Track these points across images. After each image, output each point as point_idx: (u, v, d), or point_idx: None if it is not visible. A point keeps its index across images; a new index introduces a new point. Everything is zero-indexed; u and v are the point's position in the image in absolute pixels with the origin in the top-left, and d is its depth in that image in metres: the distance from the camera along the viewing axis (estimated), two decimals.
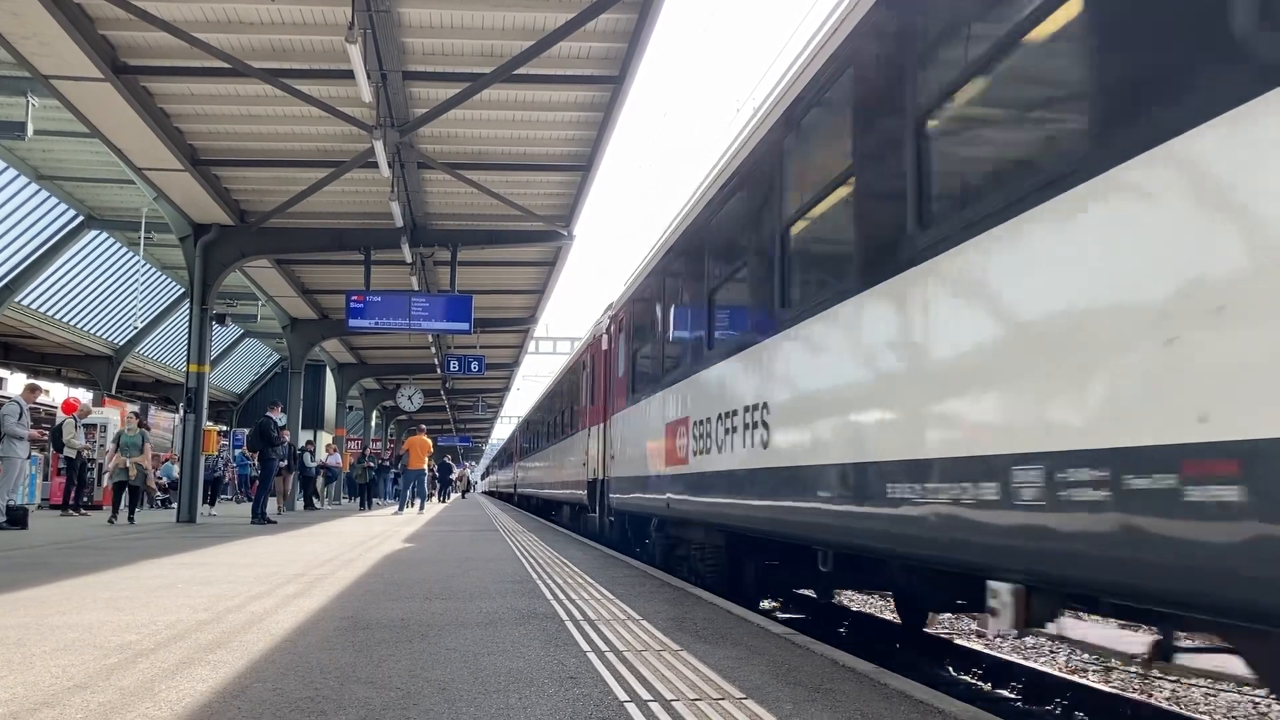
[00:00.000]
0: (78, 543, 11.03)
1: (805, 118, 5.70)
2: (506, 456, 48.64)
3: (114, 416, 23.62)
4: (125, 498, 16.39)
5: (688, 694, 3.42)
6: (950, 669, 7.01)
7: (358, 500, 27.56)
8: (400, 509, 22.86)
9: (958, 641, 7.78)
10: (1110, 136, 2.95)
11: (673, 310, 8.95)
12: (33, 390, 14.15)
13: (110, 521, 15.17)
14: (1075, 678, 6.46)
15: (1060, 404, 3.09)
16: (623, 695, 3.37)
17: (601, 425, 13.26)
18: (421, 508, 23.32)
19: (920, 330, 4.00)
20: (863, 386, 4.60)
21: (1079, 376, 3.00)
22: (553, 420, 21.63)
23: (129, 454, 16.13)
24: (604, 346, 13.41)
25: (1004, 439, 3.36)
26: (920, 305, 4.01)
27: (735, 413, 6.55)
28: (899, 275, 4.19)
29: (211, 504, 18.94)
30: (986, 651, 7.25)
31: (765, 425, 5.89)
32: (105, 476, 17.32)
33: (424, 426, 25.91)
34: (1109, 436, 2.82)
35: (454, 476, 49.51)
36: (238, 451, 29.97)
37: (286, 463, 20.09)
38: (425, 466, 23.65)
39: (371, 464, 26.43)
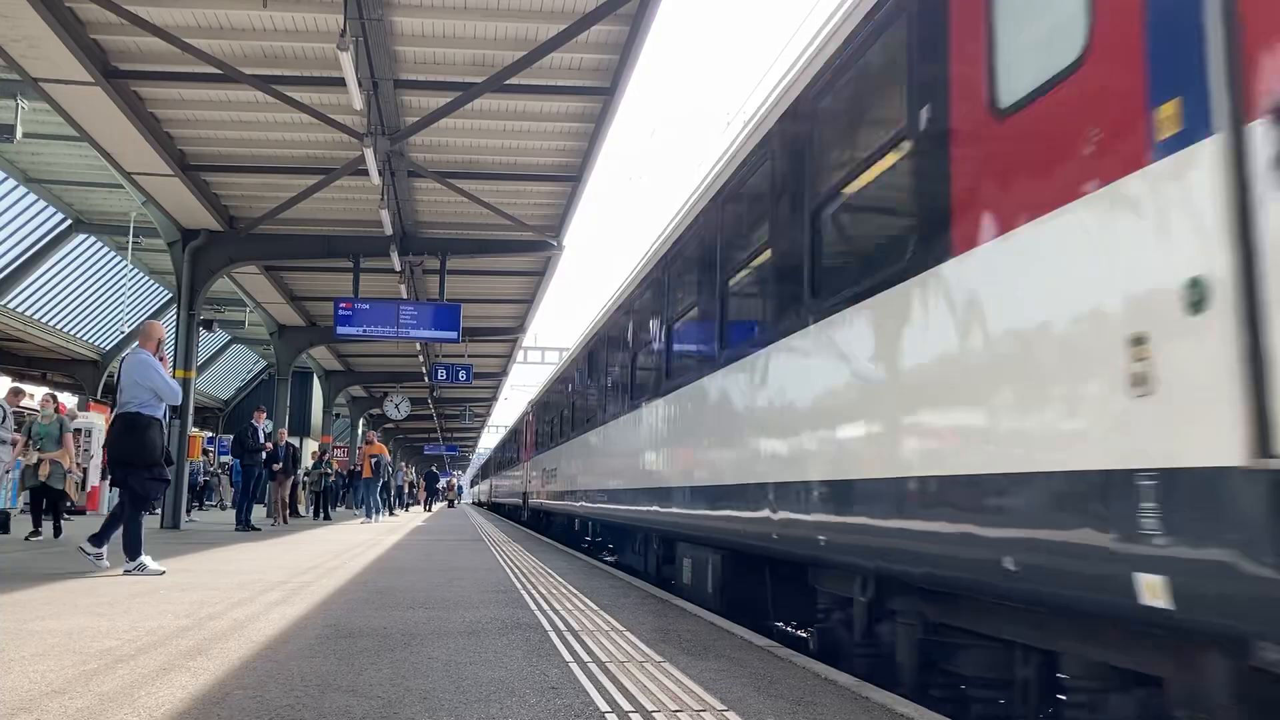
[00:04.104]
0: (60, 547, 10.94)
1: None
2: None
3: (99, 421, 23.45)
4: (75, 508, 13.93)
5: (669, 705, 3.42)
6: None
7: (312, 511, 24.09)
8: (375, 518, 22.45)
9: None
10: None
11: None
12: (16, 394, 14.01)
13: (28, 538, 11.93)
14: None
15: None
16: (604, 706, 3.37)
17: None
18: (383, 515, 22.77)
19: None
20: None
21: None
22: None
23: (42, 447, 12.41)
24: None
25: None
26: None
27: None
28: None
29: (188, 511, 17.80)
30: None
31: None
32: (19, 477, 12.92)
33: (374, 433, 25.63)
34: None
35: (440, 485, 49.33)
36: (233, 459, 29.64)
37: (281, 465, 18.40)
38: (376, 474, 22.67)
39: (328, 469, 24.59)
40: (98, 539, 8.27)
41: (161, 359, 8.41)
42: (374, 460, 22.49)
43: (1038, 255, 2.94)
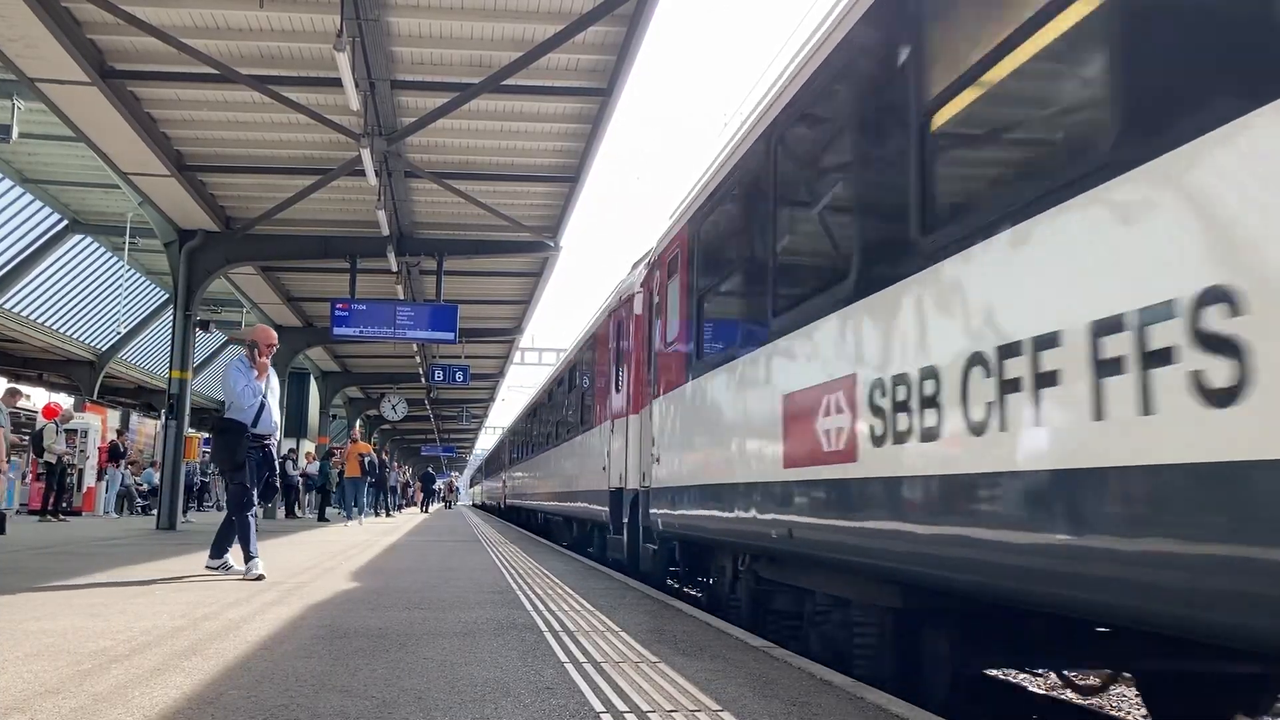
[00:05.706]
0: (56, 548, 10.93)
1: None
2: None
3: (95, 422, 23.46)
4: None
5: (664, 705, 3.41)
6: None
7: (317, 512, 23.92)
8: (360, 519, 21.96)
9: None
10: None
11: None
12: (13, 394, 13.96)
13: None
14: (1054, 692, 6.48)
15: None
16: (599, 707, 3.37)
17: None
18: (368, 516, 22.57)
19: None
20: None
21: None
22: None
23: None
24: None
25: None
26: None
27: None
28: None
29: (184, 511, 17.62)
30: None
31: None
32: None
33: (359, 429, 25.27)
34: None
35: (436, 486, 49.35)
36: None
37: None
38: (359, 473, 22.08)
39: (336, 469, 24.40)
40: (217, 551, 8.26)
41: (256, 363, 8.20)
42: (363, 459, 22.22)
43: None
